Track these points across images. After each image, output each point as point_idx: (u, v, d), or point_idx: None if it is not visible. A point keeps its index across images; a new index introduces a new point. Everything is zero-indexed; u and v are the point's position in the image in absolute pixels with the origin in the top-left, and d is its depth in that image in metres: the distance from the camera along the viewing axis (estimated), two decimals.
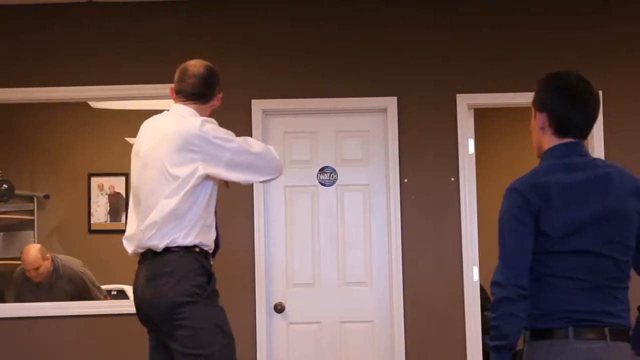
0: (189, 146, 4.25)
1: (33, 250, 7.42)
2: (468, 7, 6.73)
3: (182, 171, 4.23)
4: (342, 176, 6.66)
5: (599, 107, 3.48)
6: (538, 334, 3.27)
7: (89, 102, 7.98)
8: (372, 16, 6.71)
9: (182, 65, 4.51)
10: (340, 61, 6.67)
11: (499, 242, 3.32)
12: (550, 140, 3.44)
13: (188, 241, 4.24)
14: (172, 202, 4.22)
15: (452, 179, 6.59)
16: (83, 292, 7.41)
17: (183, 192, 4.21)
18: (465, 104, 6.63)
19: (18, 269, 7.63)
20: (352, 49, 6.68)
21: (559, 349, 3.22)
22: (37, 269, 7.36)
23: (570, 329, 3.21)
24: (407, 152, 6.59)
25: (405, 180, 6.57)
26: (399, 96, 6.61)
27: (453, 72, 6.66)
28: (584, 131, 3.44)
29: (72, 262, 7.60)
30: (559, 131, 3.40)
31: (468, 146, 6.63)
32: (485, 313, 8.07)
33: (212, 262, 4.40)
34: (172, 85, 4.49)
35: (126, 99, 7.00)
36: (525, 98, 6.65)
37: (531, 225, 3.27)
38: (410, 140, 6.59)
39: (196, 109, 4.42)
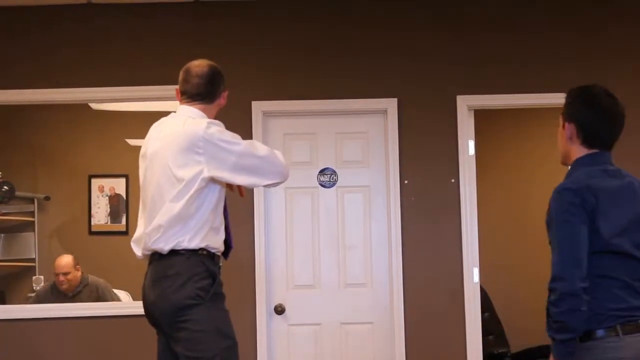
0: (194, 148, 4.22)
1: (67, 257, 7.71)
2: (468, 8, 6.73)
3: (187, 173, 4.21)
4: (342, 178, 6.67)
5: (624, 121, 3.69)
6: (588, 336, 3.46)
7: (89, 104, 7.98)
8: (372, 18, 6.71)
9: (186, 66, 4.49)
10: (340, 63, 6.67)
11: (556, 239, 3.50)
12: (579, 150, 3.65)
13: (194, 244, 4.22)
14: (177, 206, 4.21)
15: (453, 180, 6.59)
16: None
17: (188, 196, 4.20)
18: (466, 106, 6.63)
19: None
20: (352, 50, 6.68)
21: (613, 346, 3.44)
22: (66, 274, 7.56)
23: (618, 327, 3.44)
24: (407, 153, 6.59)
25: (406, 181, 6.57)
26: (399, 97, 6.62)
27: (453, 74, 6.66)
28: (610, 143, 3.68)
29: (98, 279, 7.81)
30: (587, 142, 3.63)
31: (468, 148, 6.63)
32: (486, 314, 8.10)
33: (221, 264, 4.40)
34: (177, 86, 4.47)
35: (127, 101, 7.00)
36: (526, 99, 6.77)
37: (587, 223, 3.45)
38: (410, 141, 6.60)
39: (202, 109, 4.40)
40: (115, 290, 7.82)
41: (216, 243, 4.33)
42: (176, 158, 4.25)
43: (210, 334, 4.19)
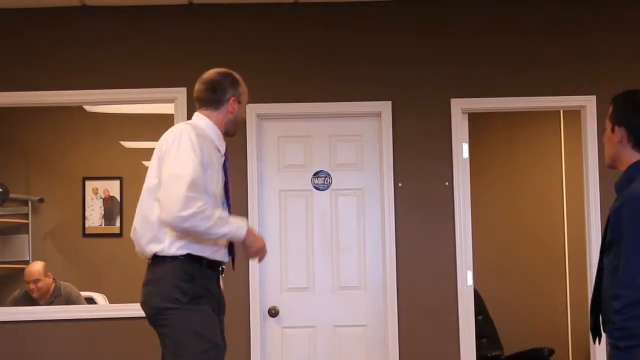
0: (161, 150, 4.27)
1: (37, 264, 7.62)
2: (462, 12, 6.74)
3: (157, 178, 4.25)
4: (336, 180, 6.67)
5: None
6: None
7: (83, 106, 7.99)
8: (367, 21, 6.72)
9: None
10: (335, 66, 6.68)
11: (632, 245, 3.48)
12: (630, 154, 3.71)
13: (174, 250, 4.21)
14: (154, 213, 4.24)
15: (446, 183, 6.60)
16: None
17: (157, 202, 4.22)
18: (460, 109, 6.64)
19: (18, 290, 7.72)
20: (347, 53, 6.69)
21: None
22: (36, 281, 7.47)
23: None
24: (401, 156, 6.60)
25: (400, 184, 6.58)
26: (394, 101, 6.63)
27: (447, 77, 6.67)
28: None
29: (71, 287, 7.69)
30: (638, 145, 3.69)
31: (462, 151, 6.64)
32: (479, 317, 8.11)
33: (222, 269, 4.43)
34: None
35: (121, 103, 6.99)
36: (519, 102, 6.78)
37: None
38: (404, 144, 6.61)
39: (208, 115, 4.42)
40: (93, 294, 7.79)
41: (203, 250, 4.27)
42: (154, 164, 4.30)
43: (187, 337, 4.16)
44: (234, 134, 4.58)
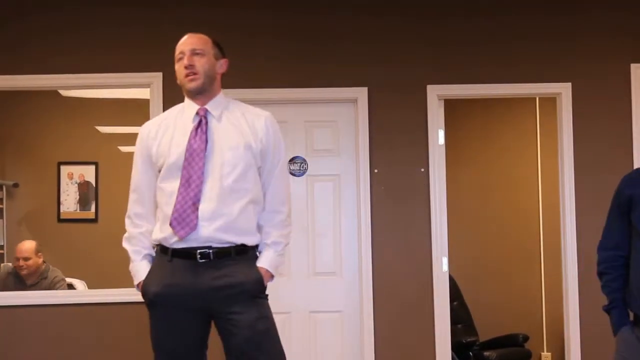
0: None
1: (29, 242, 7.68)
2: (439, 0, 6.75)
3: None
4: (313, 166, 6.67)
5: None
6: None
7: (59, 91, 7.94)
8: (343, 6, 6.70)
9: None
10: (311, 51, 6.67)
11: None
12: None
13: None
14: None
15: (422, 169, 6.60)
16: None
17: None
18: (436, 95, 6.65)
19: (3, 264, 7.79)
20: (323, 39, 6.67)
21: None
22: (27, 259, 7.53)
23: None
24: (377, 142, 6.60)
25: (376, 170, 6.58)
26: (370, 87, 6.62)
27: (423, 63, 6.68)
28: None
29: (58, 272, 7.70)
30: None
31: (438, 137, 6.65)
32: (455, 303, 8.14)
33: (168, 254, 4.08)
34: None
35: (97, 88, 6.95)
36: (496, 89, 6.79)
37: None
38: (380, 130, 6.61)
39: None
40: (72, 280, 7.78)
41: (158, 234, 4.12)
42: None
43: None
44: (187, 94, 4.29)
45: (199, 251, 4.00)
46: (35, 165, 9.46)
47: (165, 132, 4.16)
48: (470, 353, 8.19)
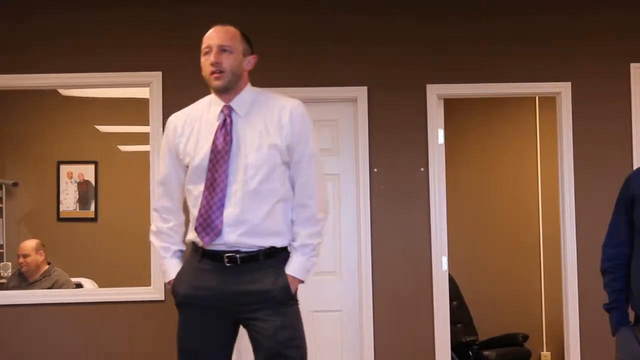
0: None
1: (31, 240, 7.70)
2: None
3: None
4: None
5: None
6: None
7: (58, 90, 7.94)
8: (343, 6, 6.70)
9: None
10: (311, 51, 6.66)
11: None
12: None
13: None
14: None
15: (422, 169, 6.60)
16: None
17: None
18: (435, 94, 6.65)
19: (3, 263, 8.02)
20: (322, 38, 6.67)
21: None
22: (25, 256, 7.55)
23: None
24: (377, 141, 6.60)
25: (375, 169, 6.58)
26: (369, 86, 6.62)
27: (423, 63, 6.68)
28: None
29: (63, 274, 7.69)
30: None
31: (438, 136, 6.65)
32: (454, 302, 8.14)
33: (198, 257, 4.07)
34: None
35: (96, 87, 6.95)
36: (495, 89, 6.79)
37: None
38: (380, 130, 6.61)
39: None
40: (81, 279, 7.78)
41: (189, 234, 4.11)
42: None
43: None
44: (214, 90, 4.22)
45: (226, 255, 3.96)
46: (35, 164, 9.46)
47: (192, 130, 4.10)
48: (470, 352, 8.19)
